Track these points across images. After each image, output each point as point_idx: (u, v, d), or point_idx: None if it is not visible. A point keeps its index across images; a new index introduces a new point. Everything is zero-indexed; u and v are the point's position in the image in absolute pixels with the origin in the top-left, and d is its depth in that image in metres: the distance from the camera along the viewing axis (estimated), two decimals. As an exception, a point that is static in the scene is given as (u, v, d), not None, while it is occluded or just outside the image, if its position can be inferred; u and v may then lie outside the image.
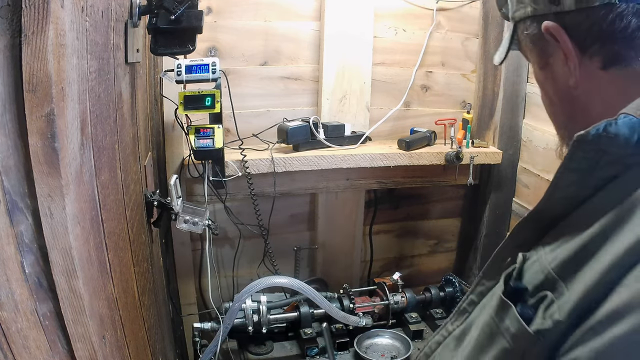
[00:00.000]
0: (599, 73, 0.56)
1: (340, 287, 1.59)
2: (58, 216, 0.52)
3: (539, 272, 0.57)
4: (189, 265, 1.66)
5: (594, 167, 0.55)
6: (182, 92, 1.24)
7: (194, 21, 0.94)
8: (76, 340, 0.58)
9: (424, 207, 1.95)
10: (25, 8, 0.46)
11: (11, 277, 0.52)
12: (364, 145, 1.67)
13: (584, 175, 0.56)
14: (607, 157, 0.54)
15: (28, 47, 0.46)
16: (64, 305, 0.55)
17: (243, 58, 1.58)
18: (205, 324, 1.43)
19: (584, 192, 0.56)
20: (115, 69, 0.78)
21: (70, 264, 0.54)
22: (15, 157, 0.49)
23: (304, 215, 1.81)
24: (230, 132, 1.56)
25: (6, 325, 0.53)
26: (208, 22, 1.48)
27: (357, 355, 1.43)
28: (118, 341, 0.73)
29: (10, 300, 0.52)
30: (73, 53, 0.54)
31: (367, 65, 1.66)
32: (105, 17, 0.71)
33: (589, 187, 0.56)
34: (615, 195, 0.53)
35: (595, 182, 0.55)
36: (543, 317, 0.52)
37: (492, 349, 0.59)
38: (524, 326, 0.53)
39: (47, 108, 0.48)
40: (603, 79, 0.57)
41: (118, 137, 0.80)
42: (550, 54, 0.60)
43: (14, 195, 0.50)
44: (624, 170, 0.54)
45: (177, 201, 1.19)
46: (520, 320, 0.54)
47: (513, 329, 0.55)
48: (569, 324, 0.49)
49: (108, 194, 0.72)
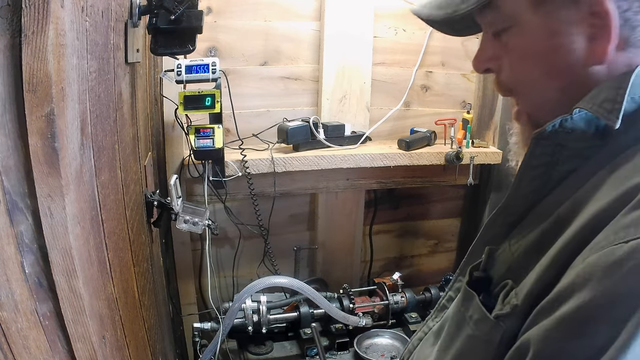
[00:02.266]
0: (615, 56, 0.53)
1: (340, 287, 1.59)
2: (58, 216, 0.51)
3: (504, 262, 0.59)
4: (189, 265, 1.66)
5: (556, 162, 0.56)
6: (182, 92, 1.24)
7: (194, 21, 0.94)
8: (76, 340, 0.58)
9: (424, 207, 1.95)
10: (25, 8, 0.46)
11: (11, 277, 0.52)
12: (364, 145, 1.67)
13: (546, 171, 0.57)
14: (566, 151, 0.55)
15: (28, 47, 0.46)
16: (64, 305, 0.55)
17: (243, 58, 1.58)
18: (205, 324, 1.43)
19: (548, 185, 0.57)
20: (115, 69, 0.78)
21: (70, 264, 0.54)
22: (15, 157, 0.49)
23: (304, 215, 1.81)
24: (230, 132, 1.56)
25: (6, 325, 0.53)
26: (208, 22, 1.48)
27: (357, 355, 1.43)
28: (118, 341, 0.73)
29: (10, 300, 0.52)
30: (73, 53, 0.54)
31: (367, 65, 1.66)
32: (105, 17, 0.71)
33: (552, 181, 0.57)
34: (572, 186, 0.55)
35: (558, 176, 0.57)
36: (502, 303, 0.54)
37: (460, 337, 0.60)
38: (485, 313, 0.55)
39: (47, 108, 0.48)
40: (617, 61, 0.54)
41: (118, 137, 0.80)
42: (573, 21, 0.54)
43: (14, 195, 0.50)
44: (583, 163, 0.55)
45: (177, 201, 1.19)
46: (482, 307, 0.56)
47: (476, 316, 0.57)
48: (525, 308, 0.51)
49: (108, 194, 0.72)
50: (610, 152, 0.53)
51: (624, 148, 0.52)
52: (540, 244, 0.54)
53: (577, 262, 0.47)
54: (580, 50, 0.54)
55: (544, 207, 0.58)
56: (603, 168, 0.52)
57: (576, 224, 0.49)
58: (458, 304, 0.64)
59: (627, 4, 0.51)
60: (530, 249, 0.55)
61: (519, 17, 0.57)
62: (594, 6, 0.51)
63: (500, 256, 0.60)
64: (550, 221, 0.54)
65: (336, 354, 1.46)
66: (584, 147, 0.55)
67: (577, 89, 0.56)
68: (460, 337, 0.60)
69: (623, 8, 0.52)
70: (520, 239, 0.58)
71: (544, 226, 0.55)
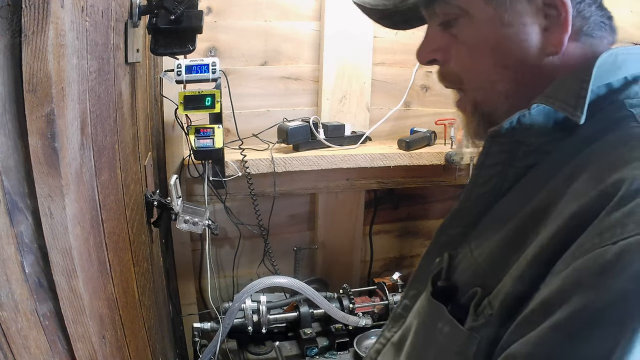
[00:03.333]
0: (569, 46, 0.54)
1: (340, 287, 1.59)
2: (58, 216, 0.51)
3: (467, 268, 0.56)
4: (189, 265, 1.66)
5: (513, 159, 0.55)
6: (182, 92, 1.24)
7: (194, 21, 0.94)
8: (76, 340, 0.58)
9: (424, 207, 1.95)
10: (25, 8, 0.46)
11: (11, 277, 0.52)
12: (364, 145, 1.67)
13: (503, 169, 0.55)
14: (524, 147, 0.54)
15: (28, 47, 0.46)
16: (64, 305, 0.55)
17: (243, 58, 1.58)
18: (205, 324, 1.43)
19: (505, 184, 0.56)
20: (115, 69, 0.78)
21: (70, 264, 0.54)
22: (15, 157, 0.49)
23: (304, 215, 1.81)
24: (230, 132, 1.56)
25: (6, 325, 0.53)
26: (208, 22, 1.48)
27: (356, 355, 1.43)
28: (118, 341, 0.73)
29: (10, 300, 0.52)
30: (73, 53, 0.54)
31: (367, 65, 1.66)
32: (105, 17, 0.71)
33: (509, 180, 0.55)
34: (535, 183, 0.53)
35: (515, 172, 0.55)
36: (475, 314, 0.51)
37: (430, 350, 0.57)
38: (457, 325, 0.52)
39: (47, 108, 0.48)
40: (570, 51, 0.55)
41: (118, 137, 0.80)
42: (526, 12, 0.54)
43: (14, 195, 0.50)
44: (543, 157, 0.54)
45: (177, 201, 1.19)
46: (453, 320, 0.53)
47: (447, 329, 0.54)
48: (501, 315, 0.48)
49: (108, 194, 0.72)
50: (574, 145, 0.52)
51: (588, 141, 0.51)
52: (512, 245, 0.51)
53: (558, 267, 0.44)
54: (534, 41, 0.54)
55: (505, 207, 0.56)
56: (569, 163, 0.51)
57: (553, 224, 0.47)
58: (422, 315, 0.60)
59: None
60: (498, 253, 0.53)
61: (470, 8, 0.56)
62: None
63: (461, 262, 0.58)
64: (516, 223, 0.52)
65: (336, 354, 1.46)
66: (544, 142, 0.54)
67: (532, 80, 0.55)
68: (430, 351, 0.57)
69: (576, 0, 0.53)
70: (483, 242, 0.55)
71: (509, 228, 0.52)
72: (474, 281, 0.54)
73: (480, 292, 0.52)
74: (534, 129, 0.53)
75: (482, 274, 0.53)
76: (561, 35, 0.53)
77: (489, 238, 0.55)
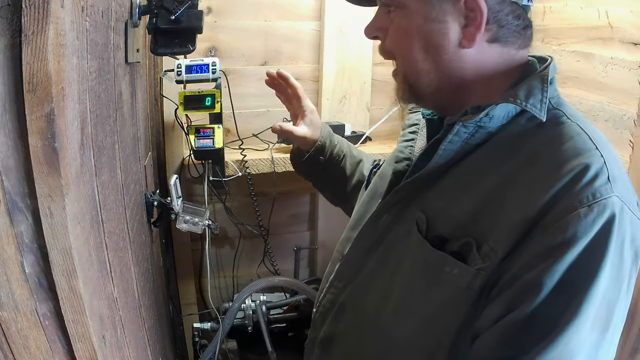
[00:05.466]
0: (484, 45, 0.70)
1: (340, 287, 1.59)
2: (58, 216, 0.51)
3: (444, 222, 0.70)
4: (189, 265, 1.66)
5: (470, 138, 0.70)
6: (182, 92, 1.24)
7: (194, 21, 0.94)
8: (76, 341, 0.58)
9: (424, 207, 1.95)
10: (25, 8, 0.45)
11: (11, 277, 0.52)
12: (364, 145, 1.67)
13: (462, 145, 0.71)
14: (481, 130, 0.69)
15: (28, 47, 0.46)
16: (64, 305, 0.55)
17: (243, 58, 1.58)
18: (205, 324, 1.44)
19: (458, 156, 0.71)
20: (115, 69, 0.78)
21: (70, 264, 0.54)
22: (15, 157, 0.49)
23: (304, 215, 1.81)
24: (230, 132, 1.56)
25: (6, 325, 0.53)
26: (208, 22, 1.48)
27: (357, 355, 1.43)
28: (118, 341, 0.73)
29: (10, 300, 0.52)
30: (73, 53, 0.54)
31: (367, 65, 1.66)
32: (106, 17, 0.71)
33: (462, 152, 0.71)
34: (490, 156, 0.69)
35: (468, 148, 0.71)
36: (480, 257, 0.64)
37: (441, 290, 0.69)
38: (466, 267, 0.66)
39: (47, 108, 0.48)
40: (485, 49, 0.70)
41: (118, 137, 0.80)
42: (449, 11, 0.68)
43: (14, 195, 0.50)
44: (489, 138, 0.70)
45: (177, 201, 1.19)
46: (462, 264, 0.66)
47: (456, 271, 0.67)
48: (500, 259, 0.63)
49: (108, 194, 0.72)
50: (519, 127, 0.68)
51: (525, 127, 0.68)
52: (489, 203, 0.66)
53: (537, 232, 0.60)
54: (453, 35, 0.69)
55: (464, 172, 0.71)
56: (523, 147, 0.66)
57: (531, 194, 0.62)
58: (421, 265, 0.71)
59: (499, 7, 0.67)
60: (475, 210, 0.67)
61: (407, 1, 0.71)
62: (469, 2, 0.66)
63: (435, 218, 0.71)
64: (488, 185, 0.66)
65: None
66: (494, 127, 0.69)
67: (450, 64, 0.71)
68: (442, 291, 0.69)
69: (495, 9, 0.67)
70: (456, 201, 0.69)
71: (485, 189, 0.67)
72: (459, 232, 0.68)
73: (475, 242, 0.65)
74: (494, 119, 0.68)
75: (468, 224, 0.67)
76: (474, 33, 0.67)
77: (460, 197, 0.69)
